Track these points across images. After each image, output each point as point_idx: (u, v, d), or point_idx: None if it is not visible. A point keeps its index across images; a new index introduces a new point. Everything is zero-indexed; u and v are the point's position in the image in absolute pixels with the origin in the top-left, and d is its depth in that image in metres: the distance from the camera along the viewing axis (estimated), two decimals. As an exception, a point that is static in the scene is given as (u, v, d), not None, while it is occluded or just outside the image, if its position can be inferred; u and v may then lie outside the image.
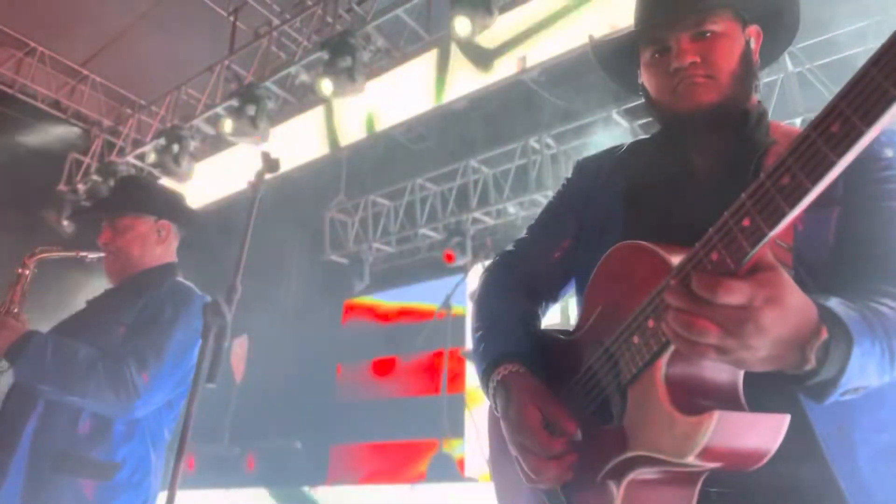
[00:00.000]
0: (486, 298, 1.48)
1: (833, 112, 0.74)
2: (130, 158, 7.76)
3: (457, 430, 6.76)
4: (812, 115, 0.79)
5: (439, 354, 6.84)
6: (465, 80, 5.47)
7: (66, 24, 7.36)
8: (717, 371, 0.99)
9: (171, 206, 2.57)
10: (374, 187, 8.04)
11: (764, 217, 0.80)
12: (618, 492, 1.03)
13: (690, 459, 0.90)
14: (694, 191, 1.24)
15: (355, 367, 8.59)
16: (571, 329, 1.30)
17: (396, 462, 7.61)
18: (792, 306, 0.86)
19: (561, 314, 3.97)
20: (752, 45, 1.28)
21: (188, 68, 7.17)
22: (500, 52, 5.18)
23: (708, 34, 1.22)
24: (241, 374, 8.81)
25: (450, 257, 6.92)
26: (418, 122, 6.23)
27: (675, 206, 1.14)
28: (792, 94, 5.11)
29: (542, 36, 4.98)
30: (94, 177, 7.94)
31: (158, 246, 2.49)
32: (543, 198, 6.76)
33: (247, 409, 8.16)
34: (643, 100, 1.38)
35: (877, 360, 0.93)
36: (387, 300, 8.61)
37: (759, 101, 1.30)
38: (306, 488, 7.03)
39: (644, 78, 1.33)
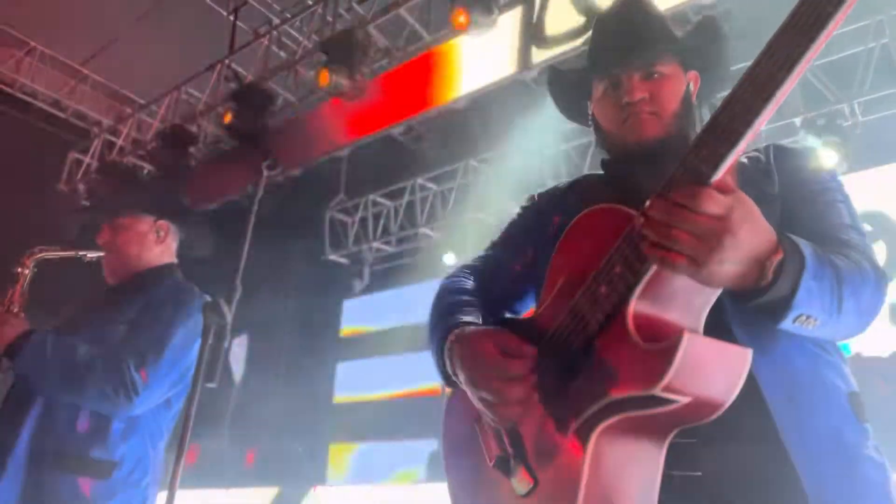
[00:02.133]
0: (439, 299, 1.51)
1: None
2: (130, 158, 7.75)
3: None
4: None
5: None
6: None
7: (67, 24, 7.36)
8: (682, 310, 1.03)
9: (170, 207, 2.57)
10: (374, 187, 8.04)
11: (720, 141, 0.90)
12: (587, 447, 1.02)
13: (661, 388, 0.91)
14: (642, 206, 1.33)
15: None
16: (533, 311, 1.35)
17: (396, 461, 7.60)
18: (761, 224, 0.95)
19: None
20: (692, 87, 1.45)
21: (188, 68, 7.17)
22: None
23: (656, 75, 1.38)
24: (240, 374, 8.81)
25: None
26: (418, 122, 6.23)
27: None
28: (793, 94, 5.12)
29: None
30: (95, 176, 7.94)
31: (157, 246, 2.50)
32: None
33: (246, 409, 8.16)
34: (593, 130, 1.52)
35: (827, 292, 1.02)
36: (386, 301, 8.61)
37: None
38: (306, 487, 7.02)
39: (595, 109, 1.48)
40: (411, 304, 8.14)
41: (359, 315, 8.98)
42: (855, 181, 5.50)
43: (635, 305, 1.01)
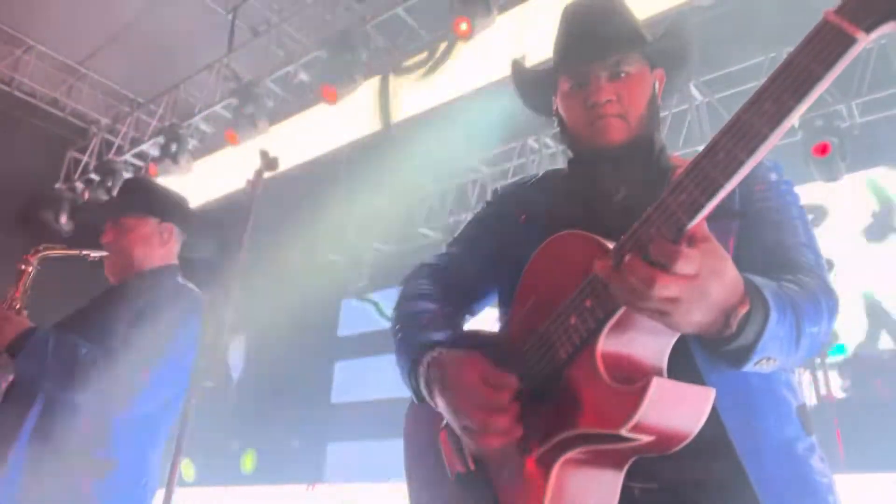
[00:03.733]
0: (405, 302, 1.50)
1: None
2: (129, 157, 7.75)
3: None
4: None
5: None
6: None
7: (65, 22, 7.34)
8: (647, 349, 1.05)
9: (174, 209, 2.58)
10: (373, 186, 8.03)
11: (700, 190, 0.89)
12: (549, 476, 1.04)
13: (627, 430, 0.94)
14: (607, 211, 1.34)
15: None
16: (500, 328, 1.35)
17: (394, 460, 7.61)
18: (729, 277, 0.95)
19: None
20: (657, 87, 1.44)
21: (187, 67, 7.17)
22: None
23: (623, 74, 1.36)
24: (239, 373, 8.81)
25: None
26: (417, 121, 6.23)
27: (590, 225, 1.18)
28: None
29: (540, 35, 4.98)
30: (93, 175, 7.93)
31: (161, 247, 2.50)
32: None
33: (245, 408, 8.16)
34: (556, 124, 1.50)
35: (786, 336, 1.03)
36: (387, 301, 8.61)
37: (660, 136, 1.45)
38: (305, 486, 7.02)
39: (561, 107, 1.46)
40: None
41: (357, 314, 8.98)
42: (853, 182, 5.52)
43: (604, 342, 1.02)
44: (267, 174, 2.37)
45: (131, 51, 7.53)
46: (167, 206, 2.56)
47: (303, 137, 6.65)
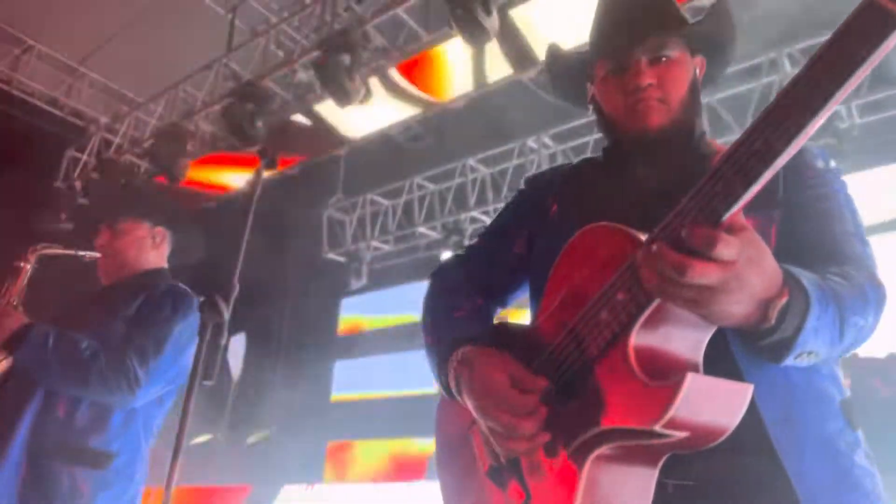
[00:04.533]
0: (435, 297, 1.50)
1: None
2: (128, 156, 7.74)
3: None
4: None
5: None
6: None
7: (64, 22, 7.34)
8: (682, 343, 1.02)
9: (167, 214, 2.69)
10: (372, 186, 8.04)
11: (738, 179, 0.85)
12: (581, 472, 1.02)
13: (660, 426, 0.92)
14: (644, 199, 1.30)
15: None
16: (530, 321, 1.32)
17: (394, 460, 7.61)
18: (768, 267, 0.92)
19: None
20: (698, 73, 1.40)
21: (186, 66, 7.16)
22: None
23: (664, 59, 1.32)
24: (238, 372, 8.81)
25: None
26: (416, 122, 6.23)
27: (623, 215, 1.16)
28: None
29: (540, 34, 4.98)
30: (92, 174, 7.92)
31: (153, 251, 2.60)
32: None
33: (244, 407, 8.16)
34: (593, 112, 1.47)
35: (829, 328, 1.00)
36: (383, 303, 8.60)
37: (700, 122, 1.41)
38: (303, 486, 7.03)
39: (598, 93, 1.42)
40: (409, 302, 8.15)
41: (356, 314, 8.98)
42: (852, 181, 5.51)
43: (636, 336, 1.00)
44: (266, 174, 2.38)
45: (130, 50, 7.52)
46: (160, 211, 2.67)
47: (302, 137, 6.65)
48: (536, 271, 1.39)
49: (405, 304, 8.19)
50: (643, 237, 1.00)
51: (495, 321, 1.48)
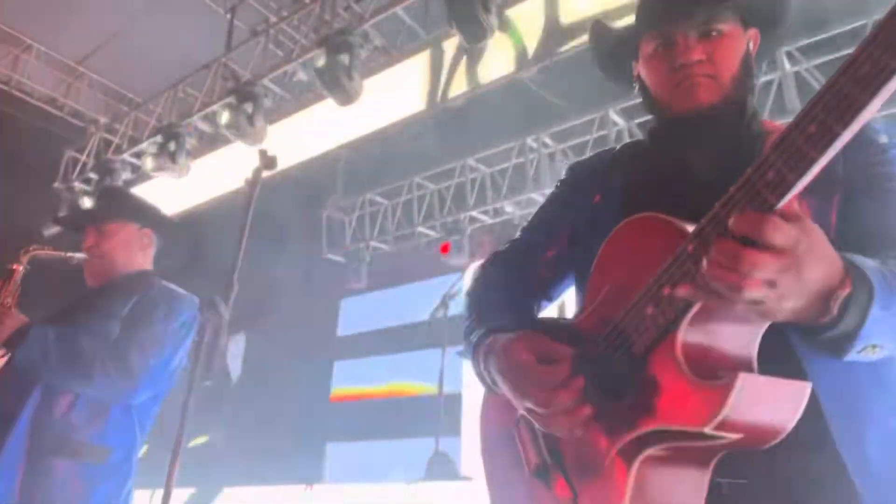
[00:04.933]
0: (477, 291, 1.46)
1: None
2: (127, 156, 7.73)
3: (454, 429, 6.76)
4: None
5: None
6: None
7: (63, 21, 7.33)
8: (734, 339, 0.96)
9: (153, 216, 2.71)
10: (371, 186, 8.03)
11: (789, 166, 0.80)
12: (630, 472, 0.98)
13: (710, 428, 0.87)
14: (692, 183, 1.23)
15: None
16: (574, 316, 1.27)
17: (393, 460, 7.60)
18: (827, 256, 0.86)
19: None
20: (751, 47, 1.30)
21: (185, 66, 7.15)
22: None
23: (714, 33, 1.23)
24: (237, 372, 8.81)
25: (445, 249, 6.85)
26: (415, 121, 6.23)
27: (673, 199, 1.10)
28: (791, 95, 5.11)
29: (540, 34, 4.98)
30: (91, 174, 7.92)
31: (140, 253, 2.63)
32: (541, 196, 6.76)
33: (243, 407, 8.16)
34: (638, 92, 1.38)
35: (894, 318, 0.93)
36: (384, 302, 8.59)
37: (752, 99, 1.32)
38: (303, 486, 7.02)
39: (643, 71, 1.33)
40: (409, 302, 8.15)
41: (356, 314, 8.98)
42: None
43: (684, 333, 0.95)
44: (265, 173, 2.38)
45: (130, 50, 7.52)
46: (146, 213, 2.69)
47: (302, 136, 6.65)
48: (580, 264, 1.33)
49: (405, 304, 8.19)
50: (690, 228, 0.95)
51: (534, 315, 1.44)
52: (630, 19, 1.38)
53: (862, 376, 1.06)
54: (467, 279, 5.49)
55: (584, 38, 4.68)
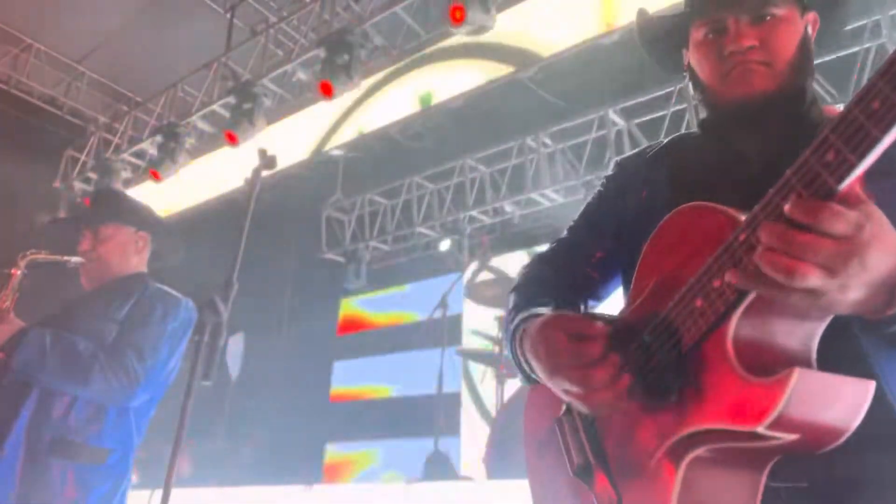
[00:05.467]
0: (521, 287, 1.42)
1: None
2: (127, 156, 7.73)
3: (453, 429, 6.77)
4: None
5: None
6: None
7: (63, 21, 7.33)
8: (791, 334, 0.90)
9: (148, 219, 2.73)
10: (370, 185, 8.03)
11: (851, 147, 0.74)
12: (677, 474, 0.92)
13: (763, 427, 0.81)
14: (746, 173, 1.17)
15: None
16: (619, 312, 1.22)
17: (392, 460, 7.61)
18: (890, 242, 0.79)
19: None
20: (810, 31, 1.23)
21: (185, 65, 7.15)
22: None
23: (768, 17, 1.16)
24: (237, 372, 8.80)
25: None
26: (415, 121, 6.24)
27: (725, 190, 1.04)
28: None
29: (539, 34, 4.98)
30: (91, 174, 7.92)
31: (135, 255, 2.64)
32: (540, 196, 6.77)
33: (242, 407, 8.15)
34: (689, 81, 1.33)
35: None
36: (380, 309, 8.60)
37: (811, 86, 1.25)
38: (302, 487, 7.02)
39: (693, 59, 1.27)
40: (408, 302, 8.15)
41: (355, 313, 8.98)
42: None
43: (736, 327, 0.89)
44: (265, 173, 2.38)
45: (129, 49, 7.52)
46: (141, 216, 2.71)
47: (301, 136, 6.65)
48: (627, 263, 1.26)
49: (404, 304, 8.19)
50: (742, 217, 0.89)
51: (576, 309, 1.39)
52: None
53: None
54: (466, 279, 5.50)
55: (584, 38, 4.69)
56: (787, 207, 0.78)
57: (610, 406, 1.02)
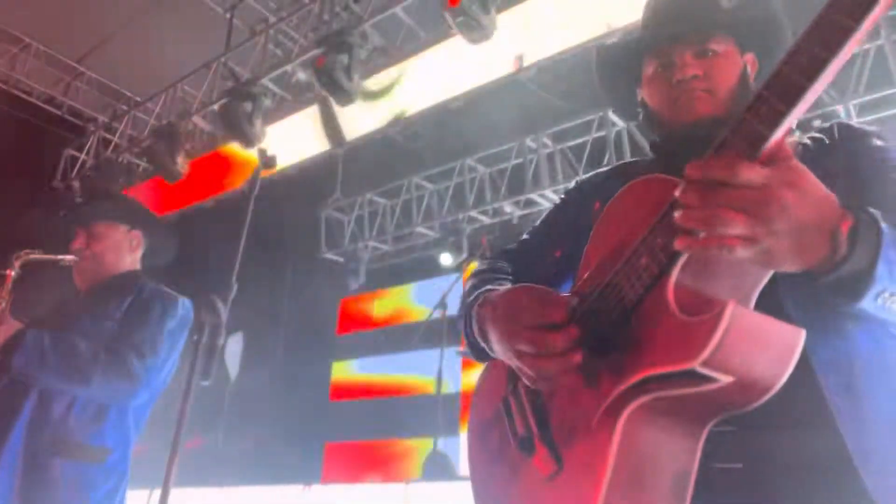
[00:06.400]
0: (481, 273, 1.48)
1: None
2: (126, 155, 7.73)
3: (452, 429, 6.76)
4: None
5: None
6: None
7: (62, 20, 7.33)
8: (731, 287, 0.93)
9: (142, 217, 2.73)
10: (370, 186, 8.03)
11: (780, 97, 0.80)
12: (615, 431, 0.92)
13: (700, 363, 0.82)
14: None
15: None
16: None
17: (391, 460, 7.60)
18: (812, 188, 0.84)
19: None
20: (749, 70, 1.36)
21: (184, 65, 7.15)
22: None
23: (710, 53, 1.31)
24: (236, 372, 8.80)
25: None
26: (414, 121, 6.23)
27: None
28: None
29: (539, 35, 4.98)
30: (90, 173, 7.91)
31: (129, 254, 2.64)
32: (539, 197, 6.77)
33: (241, 407, 8.15)
34: (642, 116, 1.44)
35: None
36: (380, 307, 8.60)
37: None
38: (301, 486, 7.02)
39: (645, 92, 1.40)
40: (407, 302, 8.15)
41: (355, 314, 8.98)
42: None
43: (677, 277, 0.92)
44: (265, 173, 2.38)
45: (129, 49, 7.52)
46: (135, 214, 2.71)
47: (301, 136, 6.65)
48: (577, 267, 1.33)
49: (403, 304, 8.20)
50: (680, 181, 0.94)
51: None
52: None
53: (864, 351, 1.02)
54: (466, 279, 5.48)
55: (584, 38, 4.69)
56: (699, 169, 0.83)
57: (556, 376, 1.04)
